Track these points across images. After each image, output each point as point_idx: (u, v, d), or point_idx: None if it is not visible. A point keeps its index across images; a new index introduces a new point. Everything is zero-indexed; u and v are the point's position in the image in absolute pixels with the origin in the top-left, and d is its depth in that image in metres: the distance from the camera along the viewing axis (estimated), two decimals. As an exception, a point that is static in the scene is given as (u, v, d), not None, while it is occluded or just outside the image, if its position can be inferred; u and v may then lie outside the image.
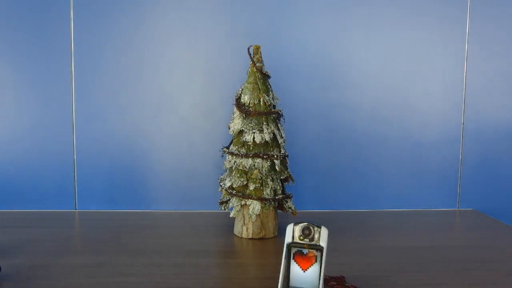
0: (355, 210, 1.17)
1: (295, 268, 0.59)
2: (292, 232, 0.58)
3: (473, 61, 1.17)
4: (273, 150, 0.90)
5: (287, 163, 0.95)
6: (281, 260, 0.79)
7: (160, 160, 1.14)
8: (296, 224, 0.58)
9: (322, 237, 0.57)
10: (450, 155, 1.19)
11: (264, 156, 0.89)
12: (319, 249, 0.57)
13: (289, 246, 0.59)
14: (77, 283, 0.67)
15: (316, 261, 0.58)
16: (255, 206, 0.88)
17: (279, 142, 0.91)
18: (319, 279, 0.56)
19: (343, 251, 0.84)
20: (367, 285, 0.68)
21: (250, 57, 0.92)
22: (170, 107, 1.13)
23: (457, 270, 0.75)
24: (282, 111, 0.94)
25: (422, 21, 1.15)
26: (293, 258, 0.59)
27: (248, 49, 0.92)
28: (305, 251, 0.59)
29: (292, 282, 0.59)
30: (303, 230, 0.58)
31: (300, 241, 0.58)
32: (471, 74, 1.17)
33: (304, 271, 0.59)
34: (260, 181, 0.89)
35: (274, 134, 0.91)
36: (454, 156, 1.19)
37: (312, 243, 0.57)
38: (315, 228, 0.57)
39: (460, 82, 1.17)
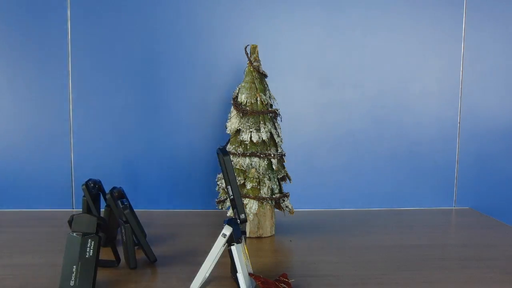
0: (352, 209, 1.17)
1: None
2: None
3: (469, 61, 1.17)
4: (270, 149, 0.91)
5: (284, 162, 0.95)
6: (280, 258, 0.79)
7: (158, 160, 1.14)
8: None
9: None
10: (446, 154, 1.19)
11: (261, 155, 0.89)
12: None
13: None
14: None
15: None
16: (252, 205, 0.88)
17: (276, 141, 0.92)
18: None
19: (339, 250, 0.84)
20: (364, 283, 0.68)
21: (247, 56, 0.92)
22: (167, 107, 1.13)
23: (453, 268, 0.75)
24: (279, 110, 0.94)
25: (419, 21, 1.15)
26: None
27: (245, 48, 0.93)
28: None
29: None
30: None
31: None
32: (467, 73, 1.18)
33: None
34: (257, 180, 0.89)
35: (271, 133, 0.91)
36: (450, 155, 1.19)
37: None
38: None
39: (456, 82, 1.18)
